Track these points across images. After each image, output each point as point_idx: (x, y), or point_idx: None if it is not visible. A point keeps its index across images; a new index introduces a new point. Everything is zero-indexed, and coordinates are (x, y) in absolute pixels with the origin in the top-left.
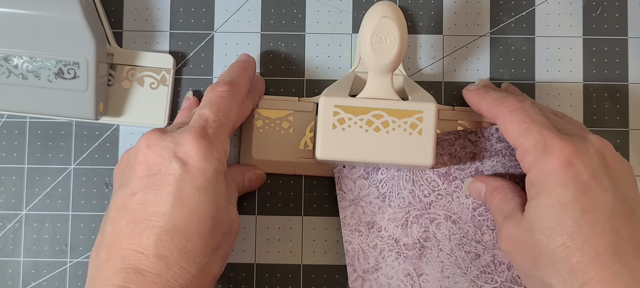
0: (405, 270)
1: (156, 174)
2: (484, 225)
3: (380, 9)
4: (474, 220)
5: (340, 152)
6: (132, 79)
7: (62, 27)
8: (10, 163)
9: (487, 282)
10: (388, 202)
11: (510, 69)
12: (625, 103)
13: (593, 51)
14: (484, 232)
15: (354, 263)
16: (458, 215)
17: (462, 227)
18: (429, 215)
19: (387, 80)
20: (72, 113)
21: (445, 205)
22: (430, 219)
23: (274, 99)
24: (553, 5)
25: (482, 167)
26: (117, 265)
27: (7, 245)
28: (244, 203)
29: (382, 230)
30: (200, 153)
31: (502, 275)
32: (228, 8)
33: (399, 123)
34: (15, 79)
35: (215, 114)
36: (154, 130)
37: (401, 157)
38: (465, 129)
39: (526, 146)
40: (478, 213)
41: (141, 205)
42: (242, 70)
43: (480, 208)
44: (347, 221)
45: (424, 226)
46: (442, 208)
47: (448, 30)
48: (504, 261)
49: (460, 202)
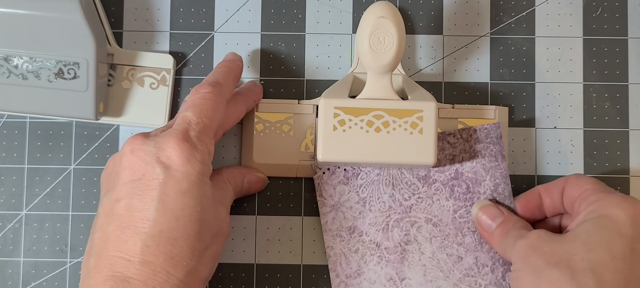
0: (388, 274)
1: (140, 179)
2: (464, 227)
3: (377, 9)
4: (455, 222)
5: (342, 153)
6: (132, 79)
7: (62, 27)
8: (10, 164)
9: (470, 285)
10: (368, 206)
11: (510, 69)
12: (625, 103)
13: (593, 51)
14: (465, 234)
15: (336, 268)
16: (439, 218)
17: (443, 230)
18: (410, 219)
19: (387, 80)
20: (72, 113)
21: (426, 208)
22: (411, 223)
23: (274, 102)
24: (553, 5)
25: (462, 168)
26: (104, 272)
27: (7, 245)
28: (244, 204)
29: (363, 235)
30: (182, 157)
31: (486, 277)
32: (228, 8)
33: (399, 123)
34: (16, 79)
35: (198, 116)
36: (138, 134)
37: (402, 156)
38: (443, 132)
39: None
40: (459, 215)
41: (127, 211)
42: (227, 70)
43: (461, 210)
44: (328, 227)
45: (405, 229)
46: (423, 212)
47: (448, 30)
48: (487, 263)
49: (440, 204)
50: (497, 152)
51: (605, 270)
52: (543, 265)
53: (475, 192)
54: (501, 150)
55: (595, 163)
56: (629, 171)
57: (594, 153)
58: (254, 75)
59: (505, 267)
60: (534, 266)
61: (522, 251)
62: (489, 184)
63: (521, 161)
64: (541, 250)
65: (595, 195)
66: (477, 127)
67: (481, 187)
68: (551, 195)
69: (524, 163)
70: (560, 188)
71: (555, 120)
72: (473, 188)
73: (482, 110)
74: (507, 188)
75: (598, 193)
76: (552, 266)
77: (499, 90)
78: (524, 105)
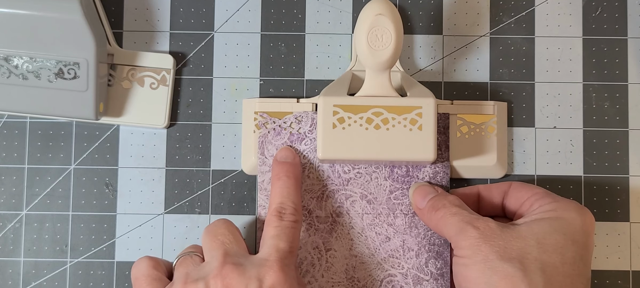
0: (315, 242)
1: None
2: (397, 209)
3: (375, 6)
4: (389, 203)
5: (342, 151)
6: (132, 79)
7: (62, 28)
8: (10, 164)
9: (393, 267)
10: (307, 172)
11: (510, 69)
12: (624, 103)
13: (593, 51)
14: (397, 215)
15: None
16: (374, 196)
17: (376, 208)
18: (346, 192)
19: (385, 77)
20: (72, 113)
21: (363, 184)
22: (346, 196)
23: (273, 101)
24: (553, 5)
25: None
26: None
27: (8, 245)
28: (244, 204)
29: None
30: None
31: (410, 261)
32: (228, 8)
33: (398, 119)
34: (16, 79)
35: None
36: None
37: (402, 153)
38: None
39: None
40: (394, 196)
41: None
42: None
43: (397, 192)
44: (264, 186)
45: (339, 202)
46: (359, 187)
47: (448, 30)
48: (413, 248)
49: (378, 183)
50: (441, 141)
51: (555, 272)
52: (495, 258)
53: (413, 176)
54: (446, 140)
55: (594, 163)
56: (629, 171)
57: (594, 153)
58: (254, 75)
59: (430, 254)
60: (486, 257)
61: (472, 240)
62: (428, 171)
63: (521, 161)
64: (494, 242)
65: (550, 197)
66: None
67: (421, 172)
68: (491, 196)
69: (524, 163)
70: (501, 191)
71: (554, 120)
72: (412, 173)
73: (481, 106)
74: (445, 178)
75: (553, 196)
76: (505, 261)
77: (499, 90)
78: (524, 105)
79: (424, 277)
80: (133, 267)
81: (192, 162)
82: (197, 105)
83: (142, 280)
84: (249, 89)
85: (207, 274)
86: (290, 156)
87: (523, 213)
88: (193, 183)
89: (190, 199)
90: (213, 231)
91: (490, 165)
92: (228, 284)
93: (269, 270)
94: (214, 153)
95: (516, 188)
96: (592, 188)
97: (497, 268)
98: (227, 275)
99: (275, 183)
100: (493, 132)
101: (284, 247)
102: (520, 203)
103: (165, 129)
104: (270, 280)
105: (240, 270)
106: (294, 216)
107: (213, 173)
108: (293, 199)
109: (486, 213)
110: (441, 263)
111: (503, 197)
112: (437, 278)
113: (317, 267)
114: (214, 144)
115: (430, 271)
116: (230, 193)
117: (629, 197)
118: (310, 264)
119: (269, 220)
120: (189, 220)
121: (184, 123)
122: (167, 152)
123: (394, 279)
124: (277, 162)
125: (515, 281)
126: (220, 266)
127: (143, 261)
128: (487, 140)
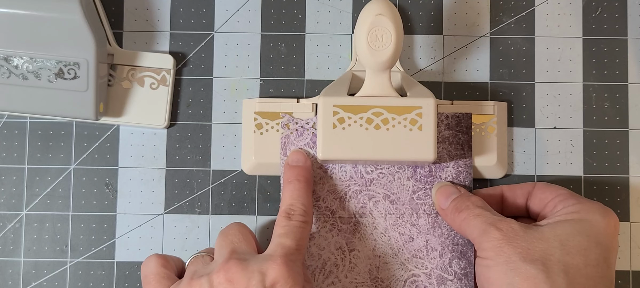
0: (338, 243)
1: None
2: (420, 209)
3: (374, 6)
4: (412, 203)
5: (342, 151)
6: (132, 79)
7: (62, 28)
8: (10, 164)
9: (417, 267)
10: (330, 173)
11: (510, 69)
12: (624, 103)
13: (593, 51)
14: (420, 215)
15: None
16: (397, 196)
17: (399, 208)
18: (369, 192)
19: (385, 77)
20: (72, 113)
21: (386, 184)
22: (369, 196)
23: (273, 101)
24: (553, 5)
25: None
26: None
27: (8, 245)
28: (244, 204)
29: (320, 201)
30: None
31: (433, 261)
32: (228, 8)
33: (398, 119)
34: (16, 79)
35: (296, 244)
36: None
37: (402, 153)
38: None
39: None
40: (417, 196)
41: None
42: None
43: (419, 192)
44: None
45: (362, 202)
46: (382, 188)
47: (448, 30)
48: (437, 248)
49: (401, 183)
50: (464, 141)
51: (578, 274)
52: (518, 260)
53: (436, 176)
54: (469, 140)
55: (594, 163)
56: (629, 171)
57: (594, 153)
58: (254, 75)
59: (453, 254)
60: (508, 258)
61: (495, 241)
62: (451, 171)
63: (521, 161)
64: (517, 244)
65: (574, 199)
66: (449, 113)
67: (443, 172)
68: (514, 197)
69: (524, 163)
70: (526, 191)
71: (554, 120)
72: (435, 173)
73: (481, 106)
74: (468, 178)
75: (577, 198)
76: (528, 262)
77: (499, 90)
78: (524, 105)
79: (447, 277)
80: (143, 265)
81: (192, 162)
82: (197, 105)
83: (151, 278)
84: (249, 89)
85: (211, 270)
86: (301, 159)
87: (547, 214)
88: (193, 184)
89: (190, 199)
90: (225, 232)
91: (490, 165)
92: (230, 277)
93: (272, 264)
94: (214, 154)
95: (540, 189)
96: (592, 189)
97: (520, 270)
98: (229, 269)
99: (286, 186)
100: (493, 132)
101: (290, 244)
102: (544, 204)
103: (165, 129)
104: (273, 274)
105: (244, 264)
106: (303, 217)
107: (213, 173)
108: (303, 201)
109: (509, 214)
110: (465, 263)
111: (527, 198)
112: (461, 278)
113: (341, 268)
114: (214, 144)
115: (454, 271)
116: (230, 193)
117: (629, 197)
118: (333, 265)
119: (278, 220)
120: (189, 220)
121: (184, 123)
122: (167, 152)
123: (418, 279)
124: (289, 166)
125: (538, 282)
126: (225, 262)
127: (152, 259)
128: (487, 140)
